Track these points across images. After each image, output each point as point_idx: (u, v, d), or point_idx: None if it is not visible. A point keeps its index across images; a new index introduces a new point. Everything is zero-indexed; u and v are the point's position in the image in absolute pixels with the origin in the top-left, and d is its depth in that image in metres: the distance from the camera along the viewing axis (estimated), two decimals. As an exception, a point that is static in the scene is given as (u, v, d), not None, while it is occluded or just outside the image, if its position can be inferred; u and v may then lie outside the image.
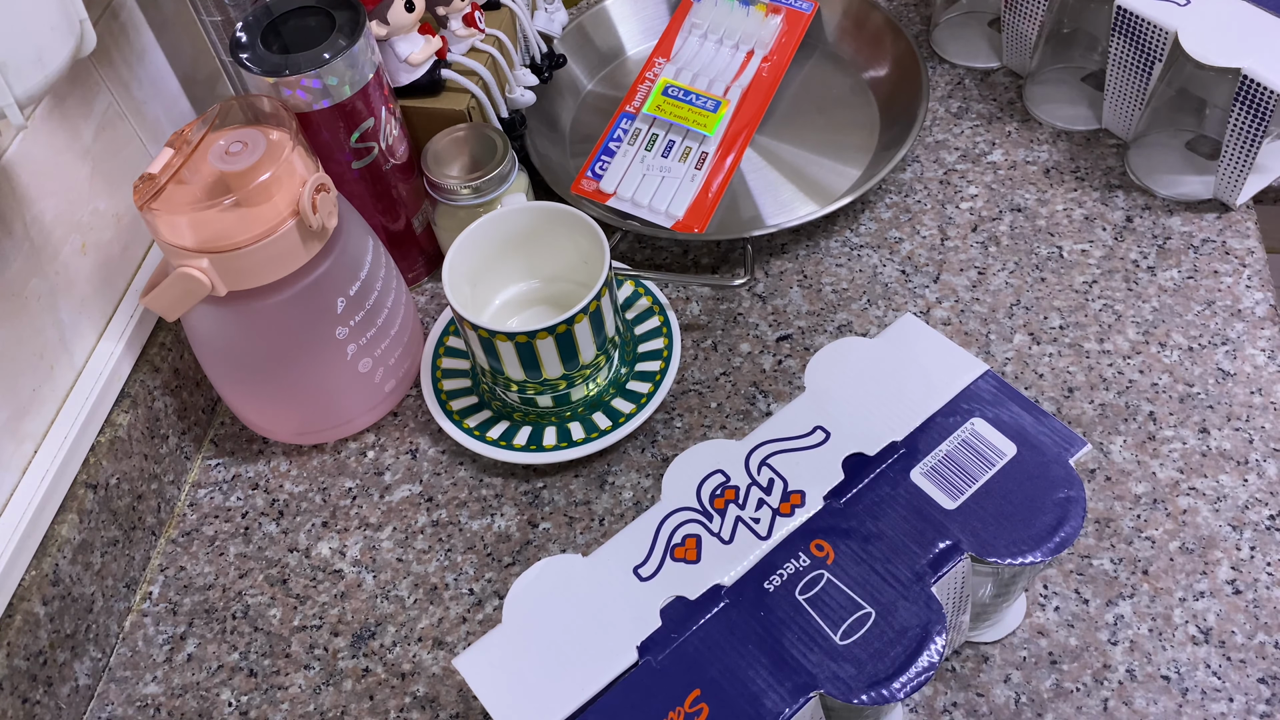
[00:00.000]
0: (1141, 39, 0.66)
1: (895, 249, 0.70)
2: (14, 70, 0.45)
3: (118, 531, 0.60)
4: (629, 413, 0.62)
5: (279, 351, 0.60)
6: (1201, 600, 0.53)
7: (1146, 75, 0.68)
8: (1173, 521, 0.56)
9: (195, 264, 0.54)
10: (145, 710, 0.57)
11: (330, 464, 0.65)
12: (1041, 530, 0.44)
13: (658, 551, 0.46)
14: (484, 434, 0.62)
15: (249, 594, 0.60)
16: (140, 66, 0.66)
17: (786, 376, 0.65)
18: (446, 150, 0.67)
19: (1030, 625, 0.53)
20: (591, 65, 0.84)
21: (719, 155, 0.74)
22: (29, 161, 0.56)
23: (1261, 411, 0.59)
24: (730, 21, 0.80)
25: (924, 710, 0.52)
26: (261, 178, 0.53)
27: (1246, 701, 0.50)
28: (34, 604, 0.53)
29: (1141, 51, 0.67)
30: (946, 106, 0.78)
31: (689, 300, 0.70)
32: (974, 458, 0.46)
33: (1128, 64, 0.68)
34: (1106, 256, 0.68)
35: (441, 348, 0.67)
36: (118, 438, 0.60)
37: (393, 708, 0.55)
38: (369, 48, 0.61)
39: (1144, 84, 0.68)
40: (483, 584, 0.59)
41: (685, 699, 0.41)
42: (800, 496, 0.46)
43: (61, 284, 0.59)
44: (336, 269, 0.59)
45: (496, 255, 0.64)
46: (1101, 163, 0.73)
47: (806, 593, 0.43)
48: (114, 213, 0.63)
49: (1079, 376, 0.62)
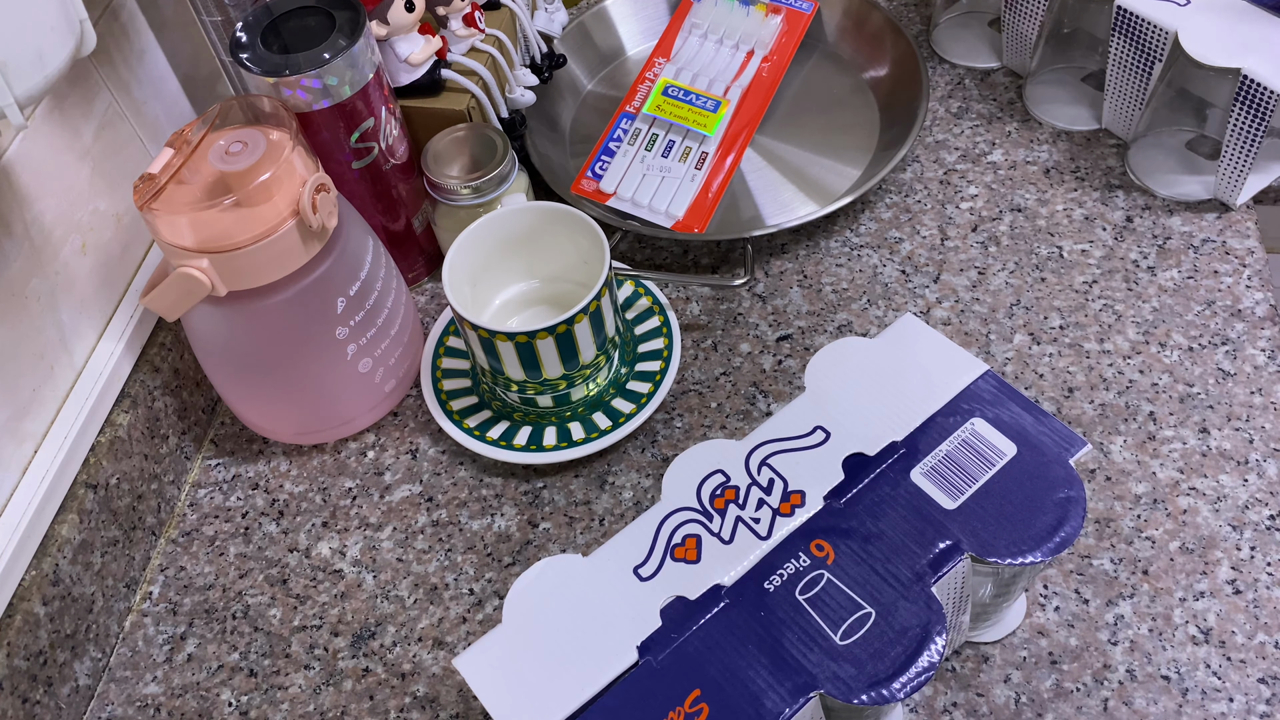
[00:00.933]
0: (1141, 39, 0.66)
1: (895, 249, 0.70)
2: (14, 70, 0.45)
3: (118, 531, 0.60)
4: (629, 413, 0.62)
5: (279, 351, 0.60)
6: (1201, 600, 0.53)
7: (1146, 75, 0.68)
8: (1173, 521, 0.56)
9: (195, 264, 0.54)
10: (145, 710, 0.57)
11: (330, 464, 0.65)
12: (1041, 530, 0.44)
13: (658, 551, 0.46)
14: (484, 434, 0.62)
15: (249, 594, 0.60)
16: (140, 66, 0.66)
17: (786, 376, 0.65)
18: (446, 150, 0.67)
19: (1030, 625, 0.53)
20: (591, 65, 0.84)
21: (719, 155, 0.74)
22: (29, 161, 0.56)
23: (1261, 411, 0.59)
24: (730, 21, 0.80)
25: (924, 710, 0.52)
26: (261, 178, 0.53)
27: (1246, 701, 0.50)
28: (34, 604, 0.53)
29: (1141, 51, 0.67)
30: (946, 106, 0.78)
31: (689, 300, 0.70)
32: (974, 458, 0.46)
33: (1128, 64, 0.68)
34: (1106, 256, 0.68)
35: (441, 348, 0.67)
36: (118, 438, 0.60)
37: (393, 708, 0.55)
38: (369, 48, 0.61)
39: (1144, 84, 0.68)
40: (483, 584, 0.59)
41: (685, 699, 0.41)
42: (800, 496, 0.46)
43: (61, 284, 0.59)
44: (336, 269, 0.59)
45: (496, 255, 0.64)
46: (1101, 163, 0.73)
47: (807, 593, 0.43)
48: (114, 213, 0.63)
49: (1079, 376, 0.62)
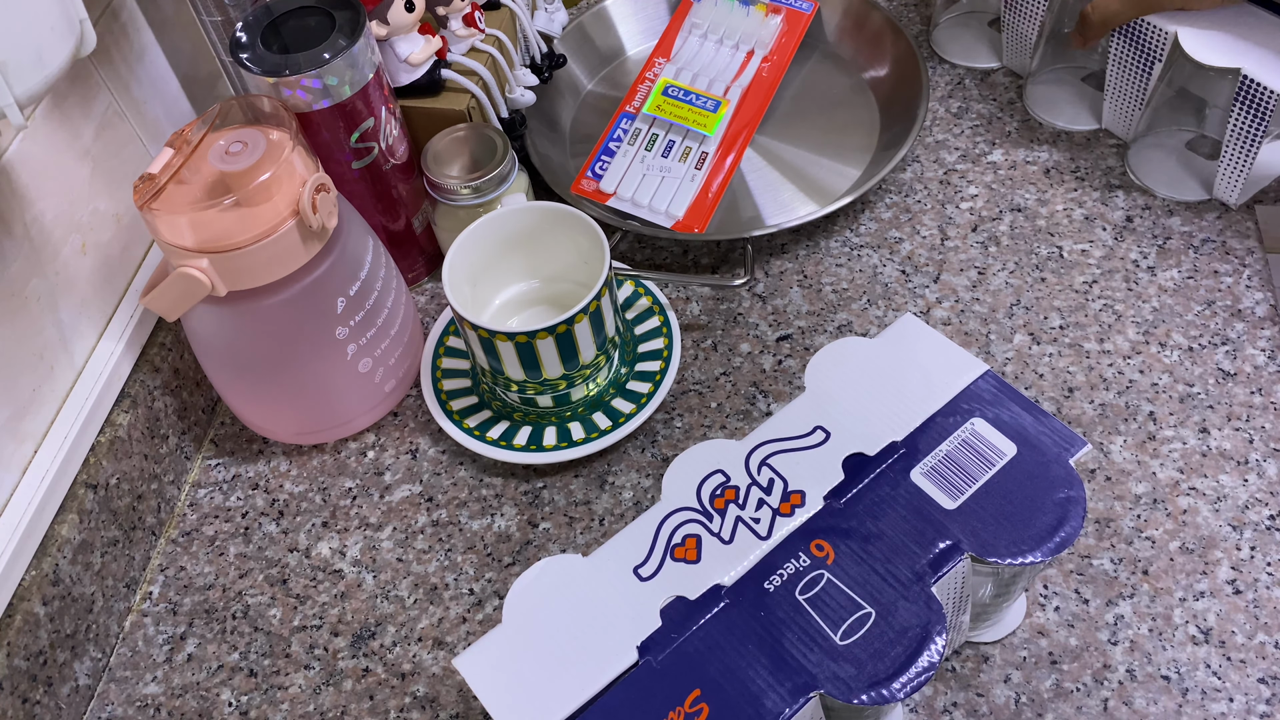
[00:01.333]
0: (1141, 39, 0.66)
1: (895, 249, 0.70)
2: (14, 70, 0.45)
3: (118, 531, 0.60)
4: (629, 413, 0.62)
5: (279, 351, 0.60)
6: (1201, 600, 0.53)
7: (1146, 75, 0.68)
8: (1173, 521, 0.56)
9: (195, 264, 0.54)
10: (145, 710, 0.57)
11: (330, 464, 0.65)
12: (1041, 530, 0.44)
13: (658, 551, 0.46)
14: (484, 434, 0.62)
15: (249, 594, 0.60)
16: (140, 66, 0.66)
17: (786, 376, 0.65)
18: (446, 150, 0.67)
19: (1030, 625, 0.53)
20: (591, 65, 0.84)
21: (719, 155, 0.74)
22: (29, 161, 0.56)
23: (1261, 411, 0.59)
24: (730, 21, 0.80)
25: (924, 710, 0.52)
26: (261, 178, 0.53)
27: (1246, 701, 0.50)
28: (34, 604, 0.53)
29: (1141, 52, 0.67)
30: (946, 106, 0.78)
31: (689, 300, 0.70)
32: (974, 458, 0.46)
33: (1128, 64, 0.68)
34: (1106, 256, 0.68)
35: (441, 348, 0.67)
36: (118, 438, 0.60)
37: (393, 708, 0.55)
38: (369, 48, 0.61)
39: (1144, 84, 0.68)
40: (483, 584, 0.59)
41: (685, 699, 0.41)
42: (800, 496, 0.46)
43: (61, 284, 0.59)
44: (336, 269, 0.59)
45: (496, 255, 0.64)
46: (1101, 163, 0.73)
47: (806, 593, 0.43)
48: (114, 213, 0.63)
49: (1079, 376, 0.62)
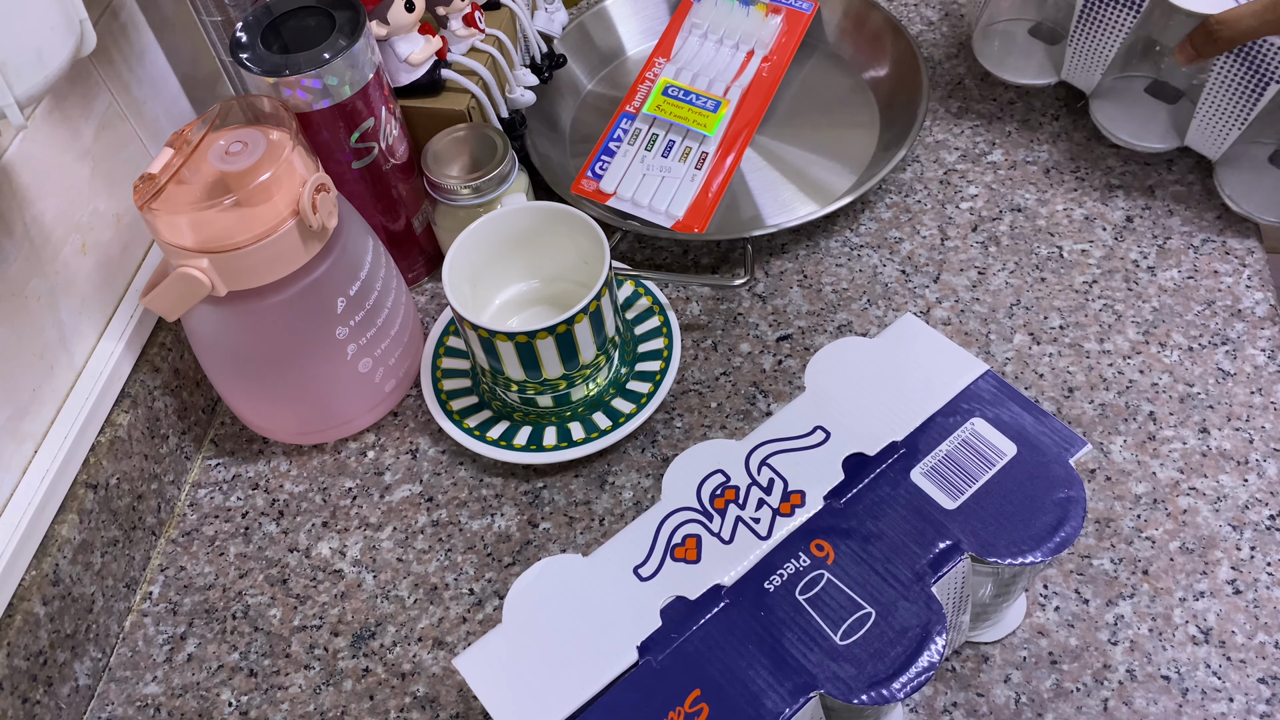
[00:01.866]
0: (1257, 59, 0.61)
1: (895, 249, 0.70)
2: (14, 70, 0.45)
3: (118, 531, 0.60)
4: (629, 413, 0.62)
5: (279, 351, 0.60)
6: (1201, 600, 0.53)
7: (1256, 96, 0.62)
8: (1173, 521, 0.56)
9: (195, 264, 0.54)
10: (145, 710, 0.57)
11: (330, 464, 0.65)
12: (1041, 530, 0.43)
13: (658, 551, 0.46)
14: (484, 434, 0.62)
15: (249, 594, 0.60)
16: (140, 66, 0.66)
17: (786, 376, 0.65)
18: (446, 150, 0.67)
19: (1030, 625, 0.53)
20: (591, 65, 0.83)
21: (719, 155, 0.74)
22: (29, 161, 0.56)
23: (1261, 411, 0.59)
24: (730, 21, 0.80)
25: (924, 710, 0.52)
26: (261, 178, 0.53)
27: (1246, 701, 0.50)
28: (34, 604, 0.53)
29: (1254, 71, 0.61)
30: (946, 106, 0.78)
31: (689, 300, 0.70)
32: (974, 458, 0.46)
33: (1234, 83, 0.63)
34: (1106, 256, 0.67)
35: (441, 348, 0.67)
36: (118, 438, 0.60)
37: (393, 708, 0.55)
38: (369, 48, 0.60)
39: (1251, 104, 0.63)
40: (483, 584, 0.59)
41: (685, 699, 0.41)
42: (800, 496, 0.46)
43: (61, 284, 0.59)
44: (336, 269, 0.59)
45: (496, 255, 0.64)
46: (1101, 163, 0.73)
47: (807, 593, 0.43)
48: (114, 213, 0.63)
49: (1079, 376, 0.62)
